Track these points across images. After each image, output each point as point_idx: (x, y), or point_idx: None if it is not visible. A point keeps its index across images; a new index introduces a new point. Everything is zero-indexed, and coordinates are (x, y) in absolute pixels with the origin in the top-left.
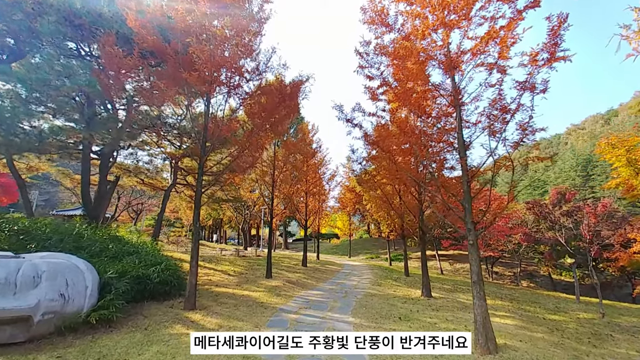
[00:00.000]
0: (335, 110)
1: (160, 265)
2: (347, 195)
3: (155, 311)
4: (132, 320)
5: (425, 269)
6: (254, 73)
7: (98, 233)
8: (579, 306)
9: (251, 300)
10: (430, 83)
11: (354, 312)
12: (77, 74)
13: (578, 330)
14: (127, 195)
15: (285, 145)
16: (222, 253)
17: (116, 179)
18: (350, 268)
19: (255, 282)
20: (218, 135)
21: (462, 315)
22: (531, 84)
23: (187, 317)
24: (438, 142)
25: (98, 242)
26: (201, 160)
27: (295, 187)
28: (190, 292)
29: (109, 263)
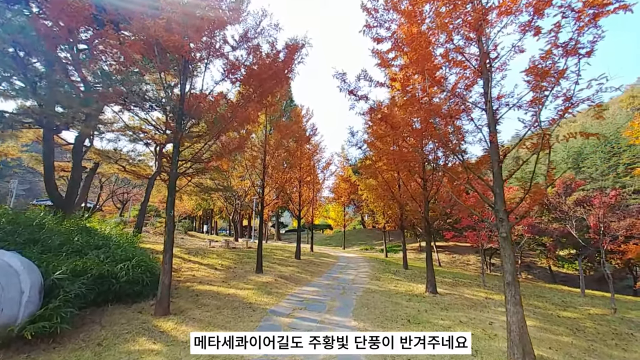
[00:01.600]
0: (337, 80)
1: (131, 260)
2: (341, 185)
3: (119, 318)
4: (86, 331)
5: (430, 263)
6: (242, 40)
7: (65, 224)
8: (585, 300)
9: (238, 300)
10: (453, 42)
11: (355, 313)
12: (9, 21)
13: (598, 330)
14: (110, 184)
15: (278, 127)
16: (211, 245)
17: (95, 165)
18: (345, 260)
19: (244, 277)
20: (197, 108)
21: (476, 315)
22: (574, 46)
23: (156, 325)
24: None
25: (59, 235)
26: (176, 137)
27: (288, 175)
28: (163, 295)
29: (65, 259)
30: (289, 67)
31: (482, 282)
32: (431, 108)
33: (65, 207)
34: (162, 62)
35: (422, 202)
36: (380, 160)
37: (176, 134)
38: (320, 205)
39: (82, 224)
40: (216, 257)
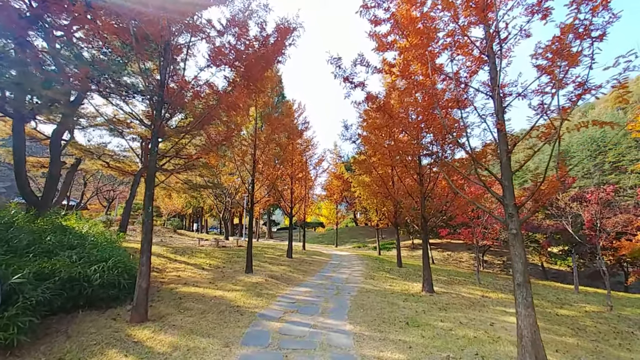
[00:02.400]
0: (331, 65)
1: (108, 261)
2: (334, 182)
3: (88, 327)
4: (48, 343)
5: (427, 262)
6: (230, 25)
7: (39, 222)
8: (579, 297)
9: (225, 303)
10: (458, 23)
11: (350, 315)
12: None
13: (599, 329)
14: (95, 180)
15: (269, 120)
16: (200, 243)
17: (77, 161)
18: (338, 259)
19: (233, 278)
20: (179, 96)
21: (475, 315)
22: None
23: (129, 335)
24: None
25: (28, 234)
26: (155, 126)
27: (279, 171)
28: (140, 299)
29: (31, 261)
30: (279, 51)
31: (477, 280)
32: (435, 93)
33: (39, 205)
34: (137, 43)
35: (418, 198)
36: (375, 155)
37: (155, 122)
38: (313, 202)
39: (58, 222)
40: (204, 256)
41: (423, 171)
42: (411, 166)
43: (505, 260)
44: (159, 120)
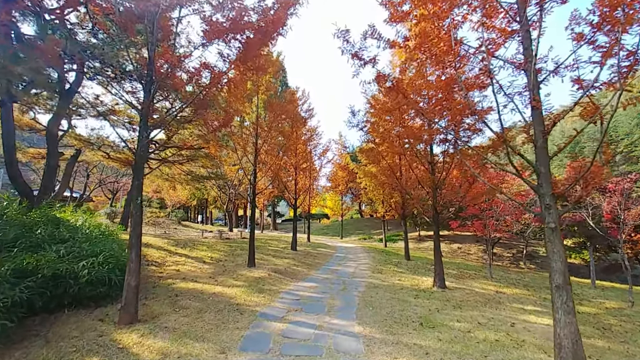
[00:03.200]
0: (338, 39)
1: (98, 256)
2: (339, 173)
3: (71, 329)
4: (24, 348)
5: (439, 255)
6: None
7: (32, 214)
8: (597, 292)
9: (224, 300)
10: None
11: (359, 315)
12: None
13: (624, 328)
14: (98, 172)
15: (271, 107)
16: (204, 235)
17: (77, 152)
18: (344, 251)
19: (234, 272)
20: (171, 75)
21: (493, 314)
22: None
23: (115, 339)
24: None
25: (17, 227)
26: (143, 109)
27: (282, 160)
28: (129, 299)
29: (14, 256)
30: (281, 23)
31: (488, 273)
32: (458, 67)
33: (32, 197)
34: (120, 14)
35: (429, 189)
36: (383, 143)
37: (143, 104)
38: (317, 194)
39: (52, 214)
40: (206, 249)
41: (434, 159)
42: (422, 155)
43: (514, 253)
44: (147, 101)
